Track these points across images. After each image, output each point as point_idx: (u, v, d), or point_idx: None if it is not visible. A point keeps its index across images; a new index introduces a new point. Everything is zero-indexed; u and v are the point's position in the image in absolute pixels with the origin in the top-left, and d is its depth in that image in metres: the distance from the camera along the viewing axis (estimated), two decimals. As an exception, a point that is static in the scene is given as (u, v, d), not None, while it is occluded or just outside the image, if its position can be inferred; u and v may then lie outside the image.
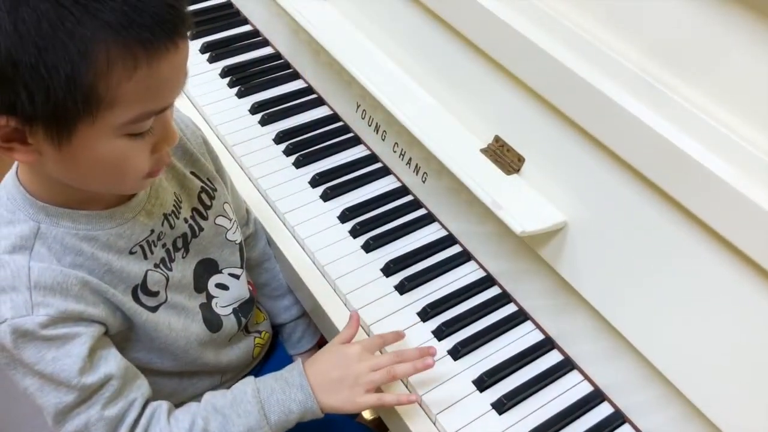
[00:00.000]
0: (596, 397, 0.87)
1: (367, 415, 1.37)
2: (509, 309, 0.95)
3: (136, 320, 0.77)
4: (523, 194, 0.87)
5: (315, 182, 1.07)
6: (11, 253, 0.69)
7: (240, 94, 1.20)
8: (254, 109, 1.18)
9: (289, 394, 0.79)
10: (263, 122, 1.16)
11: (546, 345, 0.91)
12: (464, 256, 1.00)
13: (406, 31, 1.03)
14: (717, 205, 0.69)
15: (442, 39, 0.96)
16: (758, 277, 0.68)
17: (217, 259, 0.88)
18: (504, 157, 0.90)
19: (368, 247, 0.99)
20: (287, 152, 1.11)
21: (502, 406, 0.84)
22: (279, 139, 1.13)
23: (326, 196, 1.05)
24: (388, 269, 0.97)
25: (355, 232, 1.01)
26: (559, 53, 0.80)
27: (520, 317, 0.94)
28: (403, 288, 0.95)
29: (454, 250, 1.01)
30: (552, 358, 0.91)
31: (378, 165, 1.11)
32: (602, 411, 0.86)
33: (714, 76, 0.73)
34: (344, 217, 1.03)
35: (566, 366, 0.90)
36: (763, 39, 0.68)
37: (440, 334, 0.91)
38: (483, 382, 0.86)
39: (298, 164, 1.10)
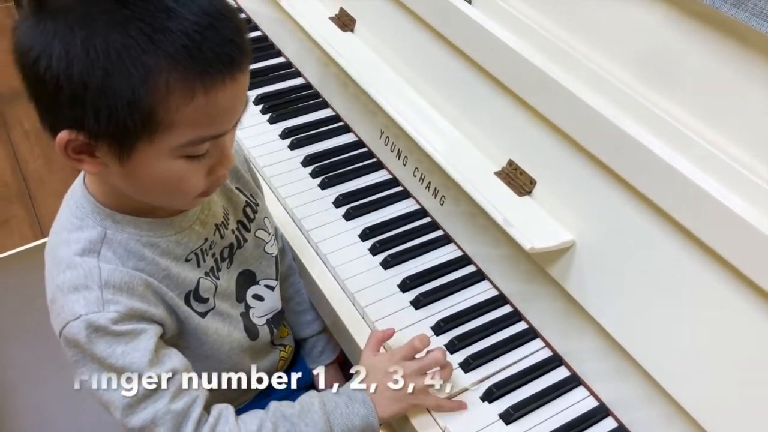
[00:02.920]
0: (601, 411, 0.89)
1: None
2: (520, 326, 0.98)
3: (188, 324, 0.80)
4: (533, 214, 0.91)
5: (339, 203, 1.12)
6: (81, 255, 0.73)
7: (272, 120, 1.27)
8: (284, 134, 1.24)
9: (352, 409, 0.82)
10: (292, 146, 1.22)
11: (554, 361, 0.94)
12: (478, 276, 1.03)
13: (428, 63, 1.08)
14: (722, 230, 0.71)
15: (461, 70, 1.02)
16: (763, 300, 0.70)
17: (256, 271, 0.92)
18: (517, 179, 0.95)
19: (386, 264, 1.03)
20: (314, 174, 1.17)
21: (509, 416, 0.87)
22: (306, 162, 1.19)
23: (349, 216, 1.10)
24: (405, 285, 1.01)
25: (374, 250, 1.06)
26: (571, 85, 0.85)
27: (530, 334, 0.97)
28: (418, 303, 0.99)
29: (469, 269, 1.04)
30: (559, 374, 0.93)
31: (398, 188, 1.16)
32: (606, 426, 0.88)
33: (712, 104, 0.78)
34: (365, 235, 1.07)
35: (573, 381, 0.92)
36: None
37: (452, 347, 0.94)
38: (492, 394, 0.89)
39: (323, 186, 1.15)
